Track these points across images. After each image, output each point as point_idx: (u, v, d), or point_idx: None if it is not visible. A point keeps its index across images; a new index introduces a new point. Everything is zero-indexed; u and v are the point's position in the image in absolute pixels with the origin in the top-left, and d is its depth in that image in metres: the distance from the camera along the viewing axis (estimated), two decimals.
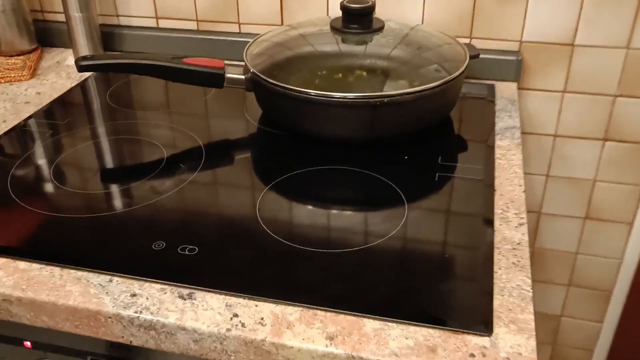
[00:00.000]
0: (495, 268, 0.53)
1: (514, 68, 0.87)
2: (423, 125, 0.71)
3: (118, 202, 0.62)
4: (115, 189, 0.65)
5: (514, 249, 0.55)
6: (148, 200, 0.62)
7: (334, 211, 0.61)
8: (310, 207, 0.61)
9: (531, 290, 0.50)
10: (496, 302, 0.49)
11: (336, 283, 0.51)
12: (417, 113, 0.69)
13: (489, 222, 0.58)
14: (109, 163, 0.71)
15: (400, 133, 0.70)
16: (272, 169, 0.68)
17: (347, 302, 0.49)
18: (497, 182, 0.65)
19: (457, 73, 0.70)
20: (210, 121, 0.80)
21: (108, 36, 1.01)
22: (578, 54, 0.86)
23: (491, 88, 0.86)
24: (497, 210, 0.60)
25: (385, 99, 0.65)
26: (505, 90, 0.86)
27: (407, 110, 0.68)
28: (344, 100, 0.66)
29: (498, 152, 0.70)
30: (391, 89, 0.75)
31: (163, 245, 0.56)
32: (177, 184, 0.65)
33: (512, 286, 0.51)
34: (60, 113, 0.82)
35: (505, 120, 0.77)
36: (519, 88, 0.89)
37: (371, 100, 0.65)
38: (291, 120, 0.72)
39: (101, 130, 0.78)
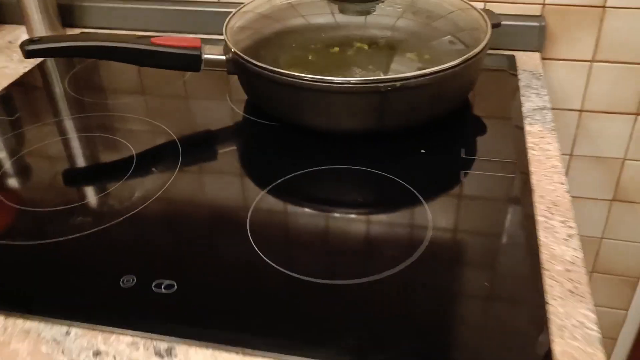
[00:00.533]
0: (548, 298, 0.42)
1: (536, 35, 0.75)
2: (440, 111, 0.59)
3: (75, 223, 0.50)
4: (71, 204, 0.53)
5: (568, 270, 0.45)
6: (113, 218, 0.51)
7: (342, 229, 0.50)
8: (312, 223, 0.50)
9: (598, 330, 0.40)
10: (557, 348, 0.39)
11: (352, 327, 0.40)
12: (434, 97, 0.57)
13: (532, 235, 0.48)
14: (66, 171, 0.60)
15: (414, 122, 0.59)
16: (263, 172, 0.56)
17: (366, 356, 0.39)
18: (533, 179, 0.54)
19: (481, 46, 0.58)
20: (186, 111, 0.68)
21: (66, 10, 0.88)
22: (610, 16, 0.74)
23: (511, 60, 0.74)
24: (540, 218, 0.49)
25: (398, 83, 0.54)
26: (527, 61, 0.74)
27: (423, 95, 0.56)
28: (347, 85, 0.54)
29: (530, 141, 0.59)
30: (401, 68, 0.64)
31: (133, 281, 0.44)
32: (149, 195, 0.53)
33: (573, 324, 0.41)
34: (8, 106, 0.70)
35: (533, 100, 0.66)
36: (543, 58, 0.77)
37: (380, 84, 0.54)
38: (283, 110, 0.60)
39: (58, 127, 0.65)
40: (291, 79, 0.55)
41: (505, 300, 0.42)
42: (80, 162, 0.61)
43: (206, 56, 0.63)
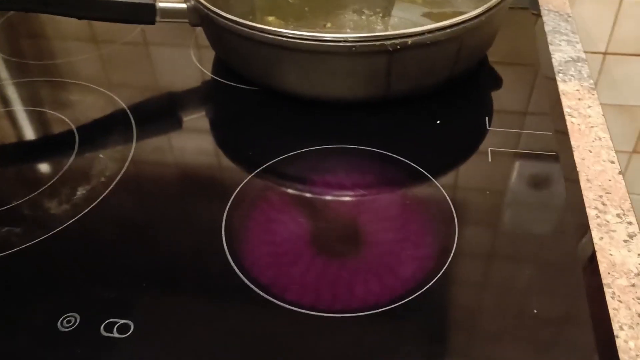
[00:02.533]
0: (615, 327, 0.33)
1: None
2: (458, 72, 0.48)
3: None
4: None
5: (633, 285, 0.35)
6: (49, 228, 0.39)
7: (340, 242, 0.40)
8: (303, 229, 0.39)
9: None
10: None
11: None
12: (451, 55, 0.45)
13: (586, 238, 0.38)
14: None
15: (427, 87, 0.47)
16: (241, 157, 0.45)
17: None
18: (577, 156, 0.44)
19: None
20: (140, 74, 0.55)
21: None
22: None
23: None
24: (591, 212, 0.39)
25: (409, 40, 0.42)
26: None
27: (439, 54, 0.44)
28: (344, 44, 0.42)
29: (566, 105, 0.48)
30: (403, 14, 0.52)
31: (76, 321, 0.34)
32: (94, 193, 0.42)
33: None
34: None
35: (564, 49, 0.55)
36: None
37: (386, 41, 0.42)
38: (262, 74, 0.48)
39: None
40: (271, 36, 0.43)
41: (564, 332, 0.33)
42: (3, 148, 0.49)
43: (161, 5, 0.50)
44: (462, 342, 0.32)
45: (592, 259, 0.36)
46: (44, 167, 0.45)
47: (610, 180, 0.42)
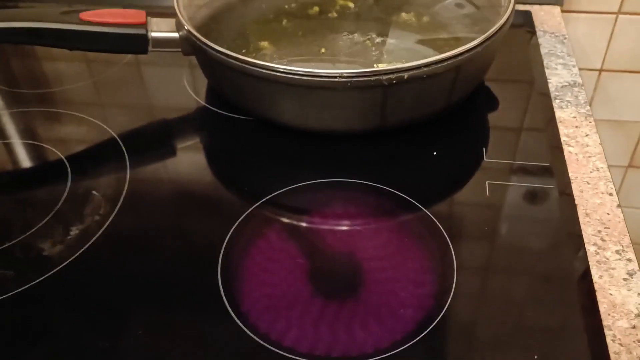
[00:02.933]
0: None
1: None
2: (454, 100, 0.47)
3: None
4: None
5: (634, 327, 0.35)
6: (42, 272, 0.39)
7: (341, 282, 0.39)
8: (300, 270, 0.39)
9: None
10: None
11: None
12: (448, 86, 0.45)
13: (585, 276, 0.37)
14: None
15: (423, 117, 0.47)
16: (238, 190, 0.45)
17: None
18: (575, 188, 0.43)
19: (505, 18, 0.46)
20: (133, 103, 0.55)
21: None
22: None
23: (527, 17, 0.62)
24: (590, 248, 0.39)
25: (405, 74, 0.41)
26: (546, 19, 0.62)
27: (434, 85, 0.44)
28: (339, 80, 0.41)
29: (563, 133, 0.48)
30: (397, 39, 0.51)
31: None
32: (89, 234, 0.41)
33: None
34: None
35: (560, 73, 0.54)
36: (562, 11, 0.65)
37: (382, 76, 0.41)
38: (255, 106, 0.47)
39: None
40: (265, 71, 0.42)
41: None
42: None
43: (154, 34, 0.49)
44: None
45: (593, 300, 0.36)
46: (36, 205, 0.45)
47: (609, 214, 0.41)
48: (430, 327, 0.34)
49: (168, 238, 0.41)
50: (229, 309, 0.36)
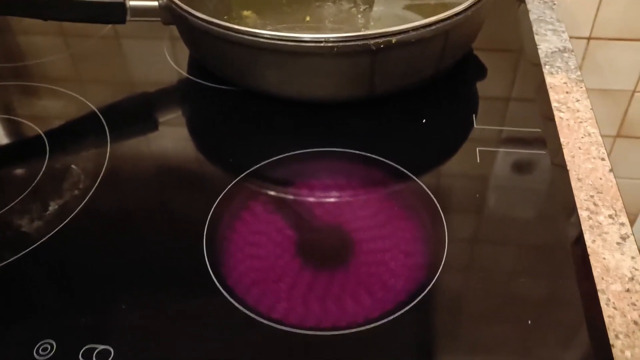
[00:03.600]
0: (611, 336, 0.32)
1: None
2: (443, 67, 0.46)
3: None
4: None
5: (628, 290, 0.34)
6: (20, 248, 0.37)
7: (327, 253, 0.38)
8: (288, 240, 0.38)
9: None
10: None
11: None
12: (436, 51, 0.44)
13: (578, 240, 0.37)
14: None
15: (411, 84, 0.46)
16: (222, 163, 0.43)
17: None
18: (567, 154, 0.42)
19: None
20: (112, 75, 0.53)
21: None
22: None
23: None
24: (583, 213, 0.39)
25: (393, 38, 0.40)
26: None
27: (423, 51, 0.43)
28: (324, 45, 0.40)
29: (554, 99, 0.47)
30: (387, 9, 0.50)
31: (52, 348, 0.32)
32: (68, 208, 0.40)
33: None
34: None
35: (550, 39, 0.53)
36: None
37: (369, 41, 0.40)
38: (239, 75, 0.46)
39: None
40: (248, 37, 0.41)
41: (557, 342, 0.32)
42: None
43: (132, 3, 0.47)
44: (454, 350, 0.31)
45: (586, 265, 0.35)
46: (13, 180, 0.43)
47: (601, 179, 0.41)
48: (421, 297, 0.33)
49: (150, 212, 0.40)
50: (216, 282, 0.35)
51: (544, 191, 0.40)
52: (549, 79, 0.49)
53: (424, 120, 0.45)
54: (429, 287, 0.34)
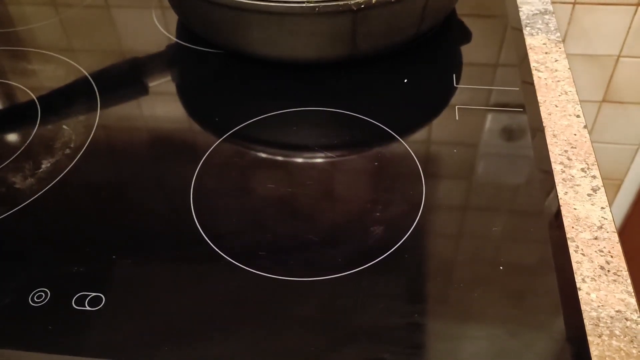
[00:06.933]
0: (578, 280, 0.34)
1: None
2: (425, 28, 0.47)
3: None
4: None
5: (596, 238, 0.36)
6: (15, 203, 0.39)
7: (312, 205, 0.40)
8: (272, 194, 0.39)
9: None
10: (594, 350, 0.31)
11: (350, 337, 0.31)
12: (417, 12, 0.45)
13: (551, 192, 0.38)
14: None
15: (393, 44, 0.47)
16: (209, 122, 0.45)
17: None
18: (543, 111, 0.44)
19: None
20: (100, 39, 0.54)
21: None
22: None
23: None
24: (556, 167, 0.40)
25: None
26: None
27: (404, 11, 0.44)
28: (306, 5, 0.41)
29: (533, 59, 0.48)
30: None
31: (47, 296, 0.34)
32: (59, 166, 0.41)
33: (609, 314, 0.32)
34: None
35: (531, 1, 0.54)
36: None
37: (351, 1, 0.41)
38: (223, 37, 0.47)
39: None
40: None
41: (526, 282, 0.33)
42: None
43: None
44: (435, 293, 0.33)
45: (557, 214, 0.37)
46: (6, 140, 0.44)
47: (575, 134, 0.42)
48: (400, 242, 0.35)
49: (140, 168, 0.41)
50: (201, 232, 0.36)
51: (520, 147, 0.41)
52: (529, 40, 0.50)
53: (405, 81, 0.46)
54: (407, 233, 0.36)
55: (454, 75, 0.46)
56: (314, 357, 0.30)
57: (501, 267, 0.34)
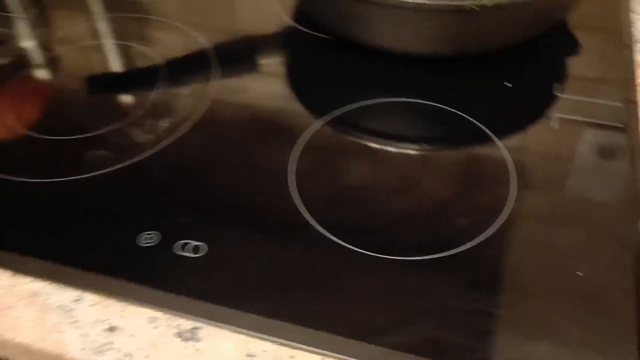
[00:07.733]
0: None
1: None
2: (532, 35, 0.48)
3: (90, 158, 0.43)
4: (86, 134, 0.45)
5: None
6: (135, 154, 0.43)
7: (396, 192, 0.42)
8: (366, 178, 0.42)
9: None
10: None
11: (416, 316, 0.33)
12: (527, 18, 0.46)
13: None
14: (64, 92, 0.51)
15: (498, 47, 0.48)
16: (312, 104, 0.47)
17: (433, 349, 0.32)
18: None
19: None
20: (221, 15, 0.58)
21: None
22: None
23: None
24: None
25: (489, 3, 0.42)
26: None
27: (514, 16, 0.45)
28: (422, 3, 0.43)
29: None
30: None
31: (157, 239, 0.38)
32: (175, 127, 0.45)
33: None
34: None
35: None
36: None
37: (464, 3, 0.42)
38: (341, 25, 0.50)
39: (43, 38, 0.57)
40: None
41: (601, 310, 0.34)
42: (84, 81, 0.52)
43: None
44: (505, 296, 0.34)
45: None
46: (130, 99, 0.49)
47: None
48: (480, 240, 0.36)
49: (245, 139, 0.45)
50: (295, 204, 0.39)
51: (617, 165, 0.41)
52: (638, 57, 0.49)
53: (505, 83, 0.47)
54: (488, 233, 0.37)
55: (557, 84, 0.47)
56: (378, 328, 0.32)
57: (578, 284, 0.35)
